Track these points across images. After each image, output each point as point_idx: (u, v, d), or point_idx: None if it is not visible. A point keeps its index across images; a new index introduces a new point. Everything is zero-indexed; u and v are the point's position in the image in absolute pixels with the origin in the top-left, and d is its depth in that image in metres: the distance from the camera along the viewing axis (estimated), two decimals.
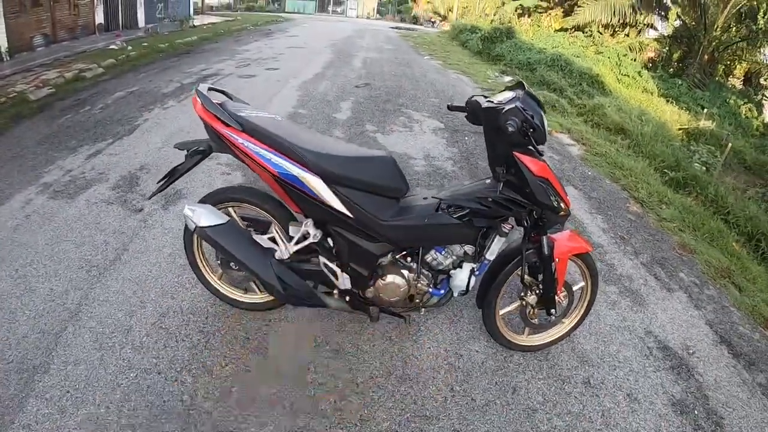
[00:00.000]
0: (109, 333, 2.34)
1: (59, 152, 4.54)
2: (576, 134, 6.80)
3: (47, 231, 3.19)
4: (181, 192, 3.76)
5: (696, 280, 3.53)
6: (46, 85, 7.01)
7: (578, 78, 11.40)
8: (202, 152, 2.12)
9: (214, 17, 20.71)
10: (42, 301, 2.52)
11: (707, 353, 2.75)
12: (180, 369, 2.18)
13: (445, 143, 5.57)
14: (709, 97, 14.93)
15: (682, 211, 4.75)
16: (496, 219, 2.03)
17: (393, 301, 2.16)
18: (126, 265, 2.87)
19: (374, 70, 10.08)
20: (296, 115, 6.13)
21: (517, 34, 15.57)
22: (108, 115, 5.76)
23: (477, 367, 2.37)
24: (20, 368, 2.11)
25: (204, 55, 10.69)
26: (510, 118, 1.77)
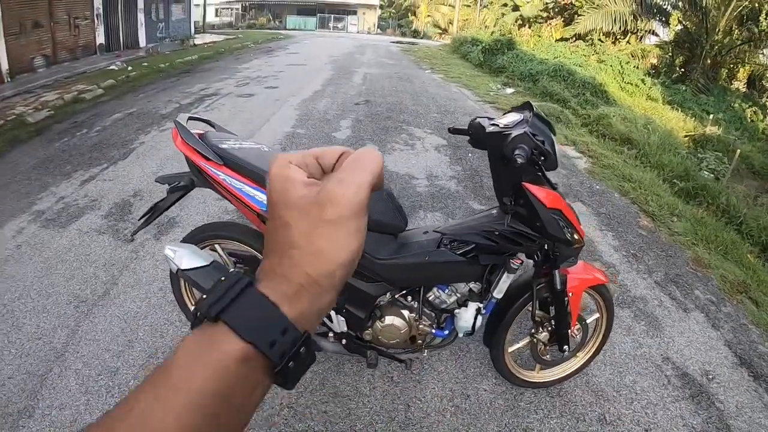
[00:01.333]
0: (95, 375, 2.24)
1: (53, 178, 4.48)
2: (582, 146, 6.66)
3: (37, 263, 3.10)
4: (174, 220, 3.64)
5: (712, 297, 3.38)
6: (45, 107, 7.01)
7: (581, 88, 11.32)
8: (184, 187, 1.99)
9: (215, 36, 20.86)
10: (28, 340, 2.44)
11: (727, 378, 2.60)
12: None
13: (449, 161, 5.45)
14: (713, 101, 14.80)
15: (694, 224, 4.60)
16: (503, 254, 1.87)
17: (393, 344, 2.00)
18: (115, 300, 2.76)
19: (375, 86, 10.02)
20: (294, 135, 6.05)
21: (518, 45, 15.56)
22: (104, 138, 5.70)
23: (485, 408, 2.22)
24: (4, 412, 2.05)
25: (204, 74, 10.69)
26: (518, 146, 1.60)
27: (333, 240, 0.39)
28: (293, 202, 0.40)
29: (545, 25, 19.41)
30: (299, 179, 0.41)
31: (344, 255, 0.39)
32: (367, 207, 0.40)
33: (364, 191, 0.39)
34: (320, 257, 0.39)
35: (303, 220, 0.39)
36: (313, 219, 0.39)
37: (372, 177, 0.40)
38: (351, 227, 0.39)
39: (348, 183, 0.39)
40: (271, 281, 0.39)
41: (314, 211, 0.39)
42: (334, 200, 0.38)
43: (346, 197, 0.39)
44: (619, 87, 13.28)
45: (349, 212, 0.39)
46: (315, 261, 0.39)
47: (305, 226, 0.39)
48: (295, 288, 0.38)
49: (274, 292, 0.38)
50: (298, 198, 0.40)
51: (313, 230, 0.39)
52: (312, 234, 0.39)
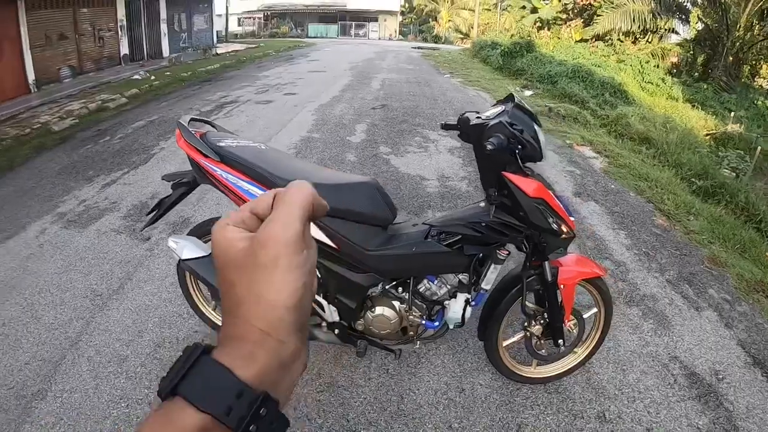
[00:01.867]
0: (105, 362, 2.36)
1: (76, 182, 4.66)
2: (599, 146, 6.59)
3: (58, 260, 3.27)
4: (189, 220, 3.76)
5: (727, 296, 3.30)
6: (69, 116, 7.27)
7: (600, 88, 11.19)
8: (187, 183, 2.08)
9: (237, 45, 21.23)
10: (46, 330, 2.59)
11: (739, 377, 2.53)
12: None
13: (461, 162, 5.46)
14: (735, 99, 14.42)
15: (712, 222, 4.50)
16: (490, 245, 1.89)
17: (384, 334, 2.03)
18: (128, 294, 2.90)
19: (392, 91, 10.07)
20: (310, 140, 6.14)
21: (537, 47, 15.44)
22: (126, 144, 5.89)
23: (479, 402, 2.22)
24: (19, 394, 2.18)
25: (225, 83, 10.91)
26: (493, 134, 1.64)
27: (270, 283, 0.38)
28: (233, 259, 0.39)
29: (564, 27, 19.25)
30: (236, 236, 0.40)
31: (285, 296, 0.38)
32: (303, 241, 0.39)
33: (292, 226, 0.38)
34: (262, 305, 0.38)
35: (243, 273, 0.38)
36: (250, 268, 0.38)
37: (301, 209, 0.39)
38: (285, 265, 0.38)
39: (274, 222, 0.39)
40: (227, 345, 0.38)
41: (250, 261, 0.38)
42: (264, 242, 0.38)
43: (274, 236, 0.38)
44: (639, 87, 13.07)
45: (280, 251, 0.38)
46: (259, 311, 0.38)
47: (246, 279, 0.38)
48: (249, 347, 0.37)
49: (229, 355, 0.37)
50: (236, 254, 0.39)
51: (252, 280, 0.38)
52: (251, 284, 0.38)
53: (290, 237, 0.38)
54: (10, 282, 3.03)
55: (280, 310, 0.38)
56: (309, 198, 0.41)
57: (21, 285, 2.98)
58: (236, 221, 0.41)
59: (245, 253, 0.38)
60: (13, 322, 2.64)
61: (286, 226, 0.38)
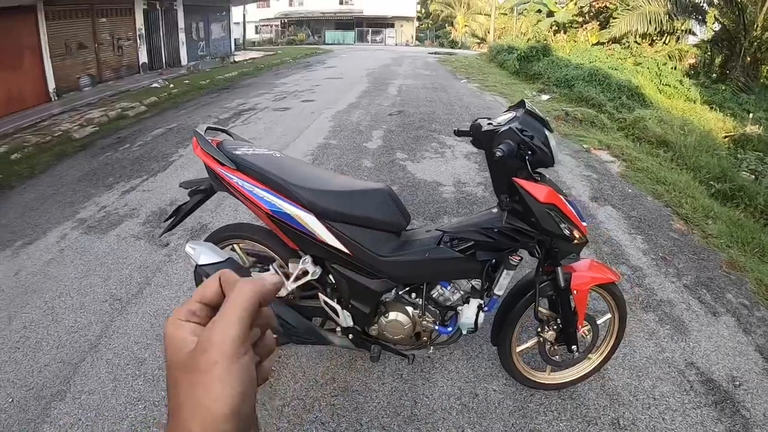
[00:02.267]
0: (124, 365, 2.42)
1: (96, 189, 4.77)
2: (616, 150, 6.53)
3: (78, 265, 3.36)
4: (207, 227, 3.81)
5: (745, 301, 3.24)
6: (90, 123, 7.42)
7: (617, 91, 11.06)
8: (204, 191, 2.13)
9: (254, 53, 21.49)
10: (66, 332, 2.66)
11: (756, 384, 2.48)
12: None
13: (477, 168, 5.45)
14: (754, 100, 14.10)
15: (730, 226, 4.42)
16: (502, 251, 1.90)
17: (398, 339, 2.05)
18: (147, 298, 2.96)
19: (409, 97, 10.08)
20: (327, 146, 6.19)
21: (554, 50, 15.35)
22: (145, 152, 6.00)
23: (493, 407, 2.22)
24: (39, 395, 2.24)
25: (242, 90, 11.04)
26: (502, 141, 1.66)
27: (208, 390, 0.36)
28: (180, 360, 0.38)
29: (581, 30, 19.09)
30: (187, 336, 0.39)
31: (221, 404, 0.36)
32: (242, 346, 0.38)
33: (232, 330, 0.37)
34: (200, 411, 0.36)
35: (186, 375, 0.37)
36: (193, 372, 0.37)
37: (243, 310, 0.38)
38: (222, 373, 0.36)
39: (215, 325, 0.38)
40: None
41: (193, 364, 0.37)
42: (204, 346, 0.37)
43: (213, 341, 0.37)
44: (657, 89, 12.90)
45: (217, 356, 0.36)
46: (197, 417, 0.36)
47: (187, 382, 0.37)
48: None
49: None
50: (184, 356, 0.38)
51: (193, 384, 0.37)
52: (192, 387, 0.37)
53: (228, 342, 0.37)
54: (31, 286, 3.11)
55: (217, 418, 0.36)
56: (252, 297, 0.39)
57: (42, 289, 3.07)
58: (187, 315, 0.40)
59: (190, 355, 0.38)
60: (33, 325, 2.72)
61: (224, 332, 0.37)
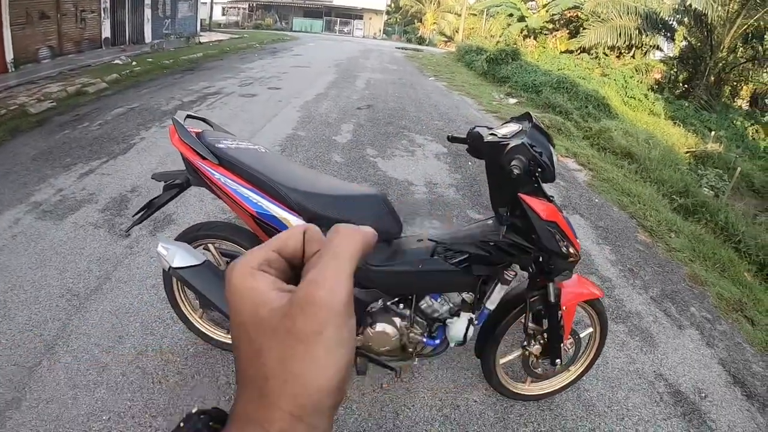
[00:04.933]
0: (84, 370, 2.21)
1: (52, 170, 4.46)
2: (582, 159, 6.66)
3: (32, 254, 3.08)
4: (171, 217, 3.62)
5: (708, 314, 3.37)
6: (47, 98, 6.99)
7: (584, 100, 11.33)
8: (179, 185, 1.97)
9: (220, 35, 20.86)
10: (19, 331, 2.41)
11: (720, 396, 2.59)
12: (155, 414, 2.03)
13: (448, 169, 5.44)
14: (715, 118, 14.84)
15: (692, 240, 4.59)
16: (497, 265, 1.85)
17: (384, 351, 1.98)
18: (107, 295, 2.73)
19: (377, 92, 10.00)
20: (295, 137, 6.03)
21: (523, 55, 15.58)
22: (105, 132, 5.69)
23: (474, 419, 2.19)
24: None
25: (208, 73, 10.68)
26: (515, 157, 1.60)
27: (311, 361, 0.30)
28: (264, 320, 0.31)
29: (550, 37, 19.47)
30: (270, 290, 0.32)
31: (328, 378, 0.31)
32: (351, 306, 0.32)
33: (342, 289, 0.31)
34: (299, 386, 0.30)
35: (276, 341, 0.31)
36: (286, 337, 0.31)
37: (351, 265, 0.32)
38: (332, 340, 0.30)
39: (320, 282, 0.31)
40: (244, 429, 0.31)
41: (286, 327, 0.31)
42: (305, 307, 0.30)
43: (319, 302, 0.30)
44: (622, 101, 13.31)
45: (325, 321, 0.30)
46: (292, 391, 0.30)
47: (279, 349, 0.31)
48: None
49: None
50: (269, 314, 0.31)
51: (287, 352, 0.31)
52: (287, 358, 0.31)
53: (339, 304, 0.30)
54: None
55: (319, 394, 0.30)
56: (360, 249, 0.33)
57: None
58: (262, 264, 0.33)
59: (281, 314, 0.31)
60: None
61: (334, 290, 0.31)
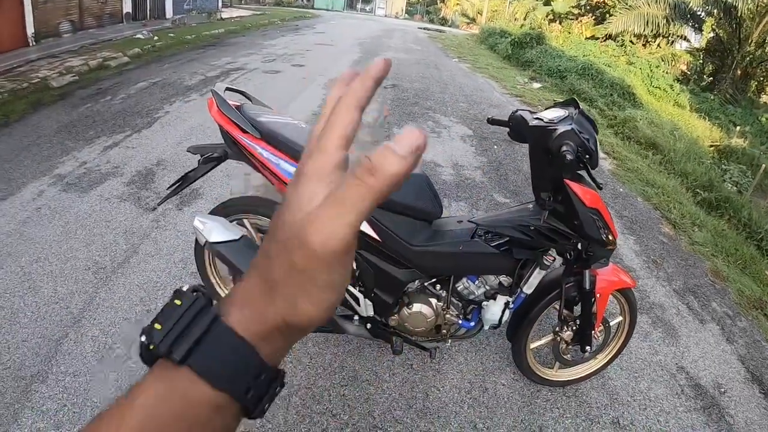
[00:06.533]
0: (112, 344, 2.21)
1: (76, 142, 4.47)
2: (607, 147, 6.56)
3: (57, 226, 3.08)
4: (197, 192, 3.63)
5: (728, 310, 3.36)
6: (69, 72, 6.99)
7: (609, 88, 11.10)
8: (217, 158, 1.96)
9: (242, 11, 20.71)
10: (45, 303, 2.40)
11: (738, 392, 2.60)
12: None
13: (474, 151, 5.40)
14: (740, 113, 14.50)
15: (715, 235, 4.54)
16: (537, 250, 1.84)
17: (418, 331, 1.98)
18: (134, 268, 2.74)
19: (402, 72, 9.89)
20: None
21: (548, 40, 15.25)
22: (128, 105, 5.70)
23: (502, 402, 2.21)
24: (17, 375, 2.01)
25: (230, 48, 10.63)
26: (565, 142, 1.57)
27: (304, 292, 0.32)
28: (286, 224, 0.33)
29: (576, 22, 19.07)
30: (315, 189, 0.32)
31: (315, 311, 0.33)
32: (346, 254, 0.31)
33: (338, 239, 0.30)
34: (293, 308, 0.33)
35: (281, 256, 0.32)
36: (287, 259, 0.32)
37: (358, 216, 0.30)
38: (323, 281, 0.32)
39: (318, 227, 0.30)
40: (244, 315, 0.34)
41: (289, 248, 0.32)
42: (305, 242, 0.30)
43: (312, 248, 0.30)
44: (647, 90, 13.03)
45: (317, 265, 0.31)
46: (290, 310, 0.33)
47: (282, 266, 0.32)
48: (269, 328, 0.33)
49: (247, 329, 0.33)
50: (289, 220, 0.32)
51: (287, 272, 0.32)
52: (287, 277, 0.32)
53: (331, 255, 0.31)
54: (4, 248, 2.80)
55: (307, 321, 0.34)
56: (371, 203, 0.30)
57: (17, 252, 2.76)
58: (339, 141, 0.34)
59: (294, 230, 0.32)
60: (8, 294, 2.43)
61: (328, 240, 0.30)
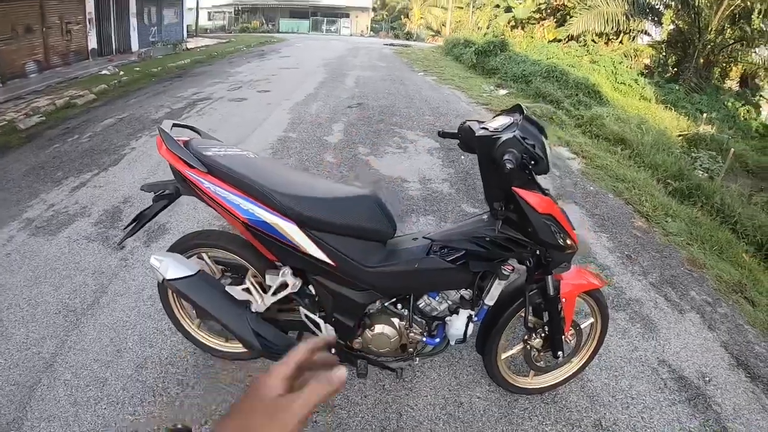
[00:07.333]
0: (84, 386, 2.19)
1: (44, 185, 4.43)
2: (575, 147, 6.65)
3: (27, 271, 3.05)
4: (164, 227, 3.59)
5: (708, 298, 3.36)
6: (36, 113, 6.95)
7: (574, 88, 11.31)
8: (169, 195, 1.94)
9: (207, 40, 20.76)
10: (18, 350, 2.39)
11: (724, 379, 2.58)
12: (158, 427, 2.01)
13: (441, 164, 5.42)
14: (706, 101, 14.85)
15: (689, 224, 4.58)
16: (494, 261, 1.83)
17: (383, 352, 1.96)
18: (104, 309, 2.71)
19: (367, 89, 9.95)
20: (286, 140, 6.00)
21: (511, 46, 15.51)
22: (96, 144, 5.65)
23: (479, 416, 2.18)
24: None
25: (196, 79, 10.62)
26: (507, 150, 1.57)
27: None
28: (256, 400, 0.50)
29: (538, 27, 19.41)
30: None
31: None
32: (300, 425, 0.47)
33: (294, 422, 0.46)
34: None
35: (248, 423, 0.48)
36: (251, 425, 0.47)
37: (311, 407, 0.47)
38: None
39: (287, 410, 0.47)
40: None
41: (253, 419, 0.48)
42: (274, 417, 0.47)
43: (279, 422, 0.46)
44: (613, 87, 13.31)
45: None
46: None
47: None
48: None
49: None
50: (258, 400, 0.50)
51: None
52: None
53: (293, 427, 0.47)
54: None
55: None
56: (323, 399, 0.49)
57: None
58: None
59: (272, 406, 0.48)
60: None
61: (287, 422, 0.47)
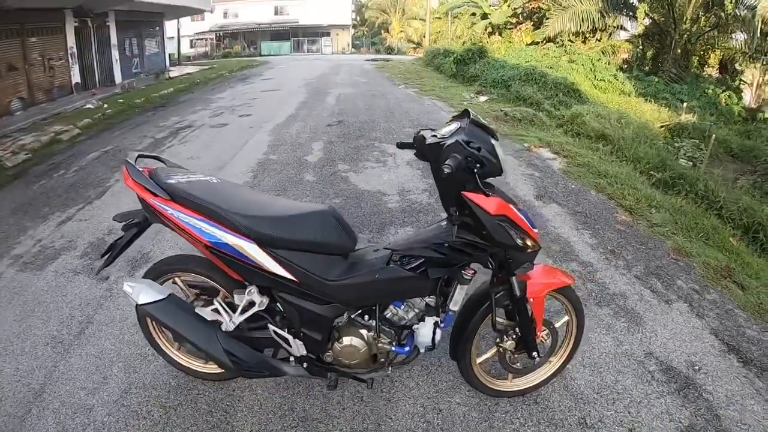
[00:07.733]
0: (72, 414, 2.25)
1: (32, 221, 4.48)
2: (556, 147, 6.70)
3: (16, 306, 3.13)
4: (148, 255, 3.62)
5: (695, 285, 3.35)
6: (22, 150, 7.01)
7: (554, 89, 11.42)
8: (138, 224, 2.00)
9: (190, 67, 20.90)
10: (8, 382, 2.46)
11: (715, 366, 2.55)
12: None
13: (420, 174, 5.44)
14: (687, 90, 14.98)
15: (674, 213, 4.59)
16: (454, 266, 1.85)
17: (355, 364, 1.98)
18: (90, 338, 2.77)
19: (348, 106, 10.01)
20: (267, 162, 6.05)
21: (490, 52, 15.70)
22: (81, 178, 5.70)
23: (459, 422, 2.18)
24: None
25: (179, 107, 10.70)
26: (451, 155, 1.60)
27: None
28: None
29: (515, 31, 19.62)
30: None
31: None
32: None
33: None
34: None
35: None
36: None
37: None
38: None
39: None
40: None
41: None
42: None
43: None
44: (592, 85, 13.44)
45: None
46: None
47: None
48: None
49: None
50: None
51: None
52: None
53: None
54: None
55: None
56: None
57: None
58: None
59: None
60: None
61: None
